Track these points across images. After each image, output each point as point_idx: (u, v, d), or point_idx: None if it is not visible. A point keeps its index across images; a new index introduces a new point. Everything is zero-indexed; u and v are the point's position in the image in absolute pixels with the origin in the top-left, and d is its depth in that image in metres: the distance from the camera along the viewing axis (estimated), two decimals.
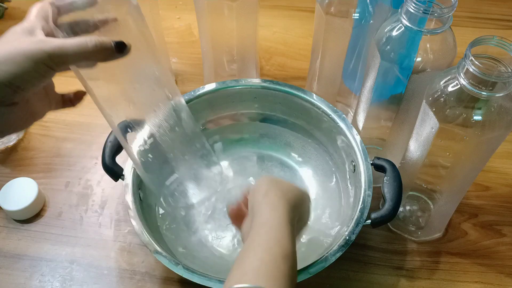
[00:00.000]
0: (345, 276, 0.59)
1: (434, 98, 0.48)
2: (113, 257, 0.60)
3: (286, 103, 0.66)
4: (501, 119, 0.45)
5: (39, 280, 0.58)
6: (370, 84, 0.57)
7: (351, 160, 0.59)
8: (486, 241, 0.62)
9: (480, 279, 0.59)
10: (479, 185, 0.67)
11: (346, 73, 0.70)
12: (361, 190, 0.55)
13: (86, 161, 0.70)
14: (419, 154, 0.53)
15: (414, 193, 0.61)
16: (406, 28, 0.50)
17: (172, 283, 0.58)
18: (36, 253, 0.61)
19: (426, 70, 0.52)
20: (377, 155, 0.57)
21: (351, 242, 0.51)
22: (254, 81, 0.65)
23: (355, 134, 0.59)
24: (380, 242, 0.62)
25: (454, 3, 0.48)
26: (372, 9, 0.59)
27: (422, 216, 0.62)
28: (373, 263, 0.60)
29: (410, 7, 0.48)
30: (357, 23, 0.60)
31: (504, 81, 0.42)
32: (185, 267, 0.49)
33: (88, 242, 0.62)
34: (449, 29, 0.50)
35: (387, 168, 0.55)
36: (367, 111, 0.60)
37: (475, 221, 0.64)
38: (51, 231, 0.63)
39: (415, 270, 0.59)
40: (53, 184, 0.68)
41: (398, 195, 0.53)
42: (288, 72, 0.83)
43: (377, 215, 0.52)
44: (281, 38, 0.89)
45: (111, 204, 0.65)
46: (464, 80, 0.44)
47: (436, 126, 0.48)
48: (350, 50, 0.65)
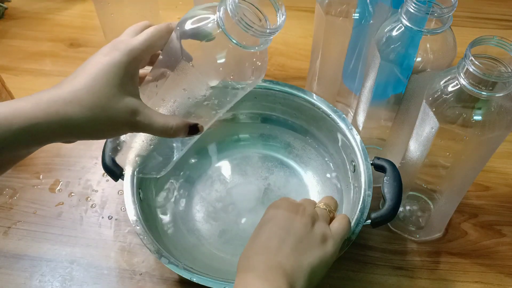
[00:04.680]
0: (345, 276, 0.59)
1: (434, 98, 0.48)
2: (113, 257, 0.60)
3: (286, 103, 0.66)
4: (501, 119, 0.45)
5: (39, 280, 0.58)
6: (370, 84, 0.57)
7: (351, 160, 0.59)
8: (486, 241, 0.62)
9: (480, 279, 0.59)
10: (479, 185, 0.67)
11: (346, 73, 0.70)
12: (361, 190, 0.55)
13: (86, 161, 0.70)
14: (419, 154, 0.53)
15: (414, 193, 0.61)
16: (406, 28, 0.50)
17: (172, 283, 0.58)
18: (36, 253, 0.61)
19: (426, 70, 0.52)
20: (377, 155, 0.57)
21: (351, 242, 0.51)
22: None
23: (355, 134, 0.59)
24: (380, 242, 0.62)
25: (454, 3, 0.48)
26: (372, 9, 0.59)
27: (422, 216, 0.62)
28: (373, 263, 0.60)
29: (410, 7, 0.48)
30: (357, 23, 0.60)
31: (504, 81, 0.42)
32: (185, 267, 0.49)
33: (88, 242, 0.62)
34: (449, 29, 0.50)
35: (387, 168, 0.55)
36: (367, 111, 0.60)
37: (475, 221, 0.64)
38: (51, 231, 0.63)
39: (415, 270, 0.59)
40: (53, 184, 0.68)
41: (398, 195, 0.53)
42: (288, 72, 0.83)
43: (377, 215, 0.52)
44: (281, 38, 0.89)
45: (111, 204, 0.65)
46: (464, 80, 0.44)
47: (436, 126, 0.48)
48: (350, 50, 0.65)
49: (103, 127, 0.39)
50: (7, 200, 0.66)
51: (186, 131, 0.42)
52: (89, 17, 0.93)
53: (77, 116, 0.37)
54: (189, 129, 0.42)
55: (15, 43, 0.88)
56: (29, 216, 0.64)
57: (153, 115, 0.40)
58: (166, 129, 0.41)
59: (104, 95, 0.38)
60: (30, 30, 0.90)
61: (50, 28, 0.91)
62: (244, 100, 0.66)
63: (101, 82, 0.38)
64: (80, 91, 0.37)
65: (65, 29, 0.91)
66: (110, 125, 0.39)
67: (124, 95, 0.39)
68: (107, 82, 0.38)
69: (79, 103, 0.37)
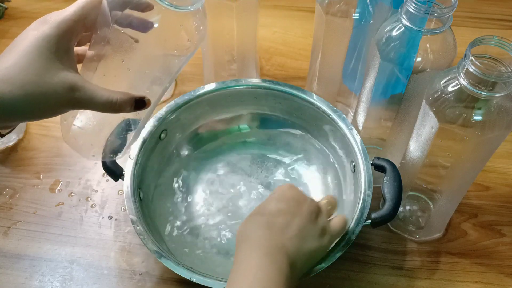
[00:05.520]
0: (345, 276, 0.59)
1: (434, 98, 0.48)
2: (113, 257, 0.60)
3: (286, 103, 0.66)
4: (501, 119, 0.45)
5: (39, 280, 0.58)
6: (370, 84, 0.57)
7: (351, 160, 0.59)
8: (486, 241, 0.62)
9: (480, 279, 0.59)
10: (479, 185, 0.67)
11: (346, 73, 0.70)
12: (361, 190, 0.55)
13: (86, 161, 0.70)
14: (419, 154, 0.53)
15: (414, 193, 0.61)
16: (406, 28, 0.50)
17: (172, 283, 0.58)
18: (36, 253, 0.61)
19: (426, 70, 0.52)
20: (377, 155, 0.57)
21: (351, 242, 0.51)
22: (254, 81, 0.65)
23: (355, 134, 0.59)
24: (380, 242, 0.62)
25: (454, 3, 0.48)
26: (372, 9, 0.59)
27: (422, 216, 0.62)
28: (373, 263, 0.60)
29: (410, 7, 0.48)
30: (357, 23, 0.60)
31: (504, 81, 0.42)
32: (185, 267, 0.49)
33: (88, 242, 0.62)
34: (449, 29, 0.50)
35: (387, 168, 0.55)
36: (367, 111, 0.60)
37: (475, 221, 0.64)
38: (51, 231, 0.63)
39: (415, 270, 0.59)
40: (53, 184, 0.68)
41: (398, 195, 0.53)
42: (288, 72, 0.83)
43: (377, 215, 0.52)
44: (281, 38, 0.89)
45: (111, 204, 0.65)
46: (464, 80, 0.44)
47: (436, 126, 0.48)
48: (350, 50, 0.65)
49: (40, 105, 0.36)
50: (7, 200, 0.66)
51: (132, 105, 0.40)
52: None
53: (8, 95, 0.35)
54: (135, 103, 0.40)
55: None
56: (29, 216, 0.64)
57: (95, 89, 0.38)
58: (110, 103, 0.38)
59: (35, 70, 0.35)
60: None
61: None
62: (244, 100, 0.67)
63: (30, 57, 0.36)
64: (9, 69, 0.35)
65: None
66: (46, 102, 0.36)
67: (58, 70, 0.37)
68: (38, 57, 0.36)
69: (9, 81, 0.35)
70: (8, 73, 0.35)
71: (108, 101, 0.38)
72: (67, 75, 0.37)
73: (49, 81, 0.36)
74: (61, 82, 0.36)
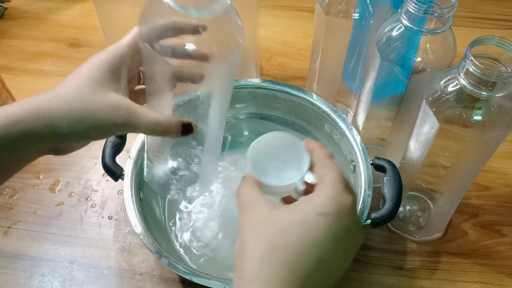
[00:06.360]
0: (345, 276, 0.59)
1: (434, 98, 0.48)
2: (113, 257, 0.60)
3: (286, 103, 0.66)
4: (501, 119, 0.45)
5: (39, 280, 0.58)
6: (370, 84, 0.57)
7: (351, 160, 0.59)
8: (486, 241, 0.62)
9: (480, 279, 0.59)
10: (479, 185, 0.67)
11: (346, 73, 0.70)
12: (361, 190, 0.55)
13: (86, 161, 0.70)
14: (419, 154, 0.53)
15: (414, 193, 0.61)
16: (406, 28, 0.50)
17: (172, 283, 0.58)
18: (36, 253, 0.61)
19: (426, 70, 0.52)
20: (377, 155, 0.57)
21: None
22: (254, 81, 0.65)
23: (355, 134, 0.59)
24: (380, 242, 0.62)
25: (454, 3, 0.48)
26: (372, 9, 0.59)
27: (422, 216, 0.62)
28: (373, 263, 0.60)
29: (410, 7, 0.48)
30: (357, 23, 0.60)
31: (504, 81, 0.42)
32: (185, 268, 0.49)
33: (88, 242, 0.62)
34: (449, 29, 0.50)
35: (387, 168, 0.55)
36: (367, 111, 0.60)
37: (475, 221, 0.64)
38: (51, 231, 0.63)
39: (415, 270, 0.59)
40: (53, 184, 0.68)
41: (398, 195, 0.53)
42: (288, 72, 0.83)
43: (377, 215, 0.52)
44: (281, 38, 0.89)
45: (111, 204, 0.65)
46: (464, 80, 0.44)
47: (436, 126, 0.48)
48: (350, 50, 0.65)
49: (86, 123, 0.37)
50: (7, 200, 0.66)
51: (179, 129, 0.40)
52: (89, 17, 0.93)
53: (57, 109, 0.36)
54: (182, 127, 0.40)
55: (15, 43, 0.88)
56: (29, 216, 0.64)
57: (141, 110, 0.38)
58: (155, 125, 0.39)
59: (85, 90, 0.37)
60: (30, 30, 0.90)
61: (50, 28, 0.91)
62: (244, 100, 0.67)
63: (82, 78, 0.38)
64: (66, 89, 0.38)
65: (65, 29, 0.91)
66: (92, 119, 0.37)
67: (107, 91, 0.38)
68: (88, 78, 0.38)
69: (61, 97, 0.37)
70: (63, 92, 0.37)
71: (154, 122, 0.39)
72: (115, 96, 0.38)
73: (97, 100, 0.38)
74: (108, 101, 0.38)
